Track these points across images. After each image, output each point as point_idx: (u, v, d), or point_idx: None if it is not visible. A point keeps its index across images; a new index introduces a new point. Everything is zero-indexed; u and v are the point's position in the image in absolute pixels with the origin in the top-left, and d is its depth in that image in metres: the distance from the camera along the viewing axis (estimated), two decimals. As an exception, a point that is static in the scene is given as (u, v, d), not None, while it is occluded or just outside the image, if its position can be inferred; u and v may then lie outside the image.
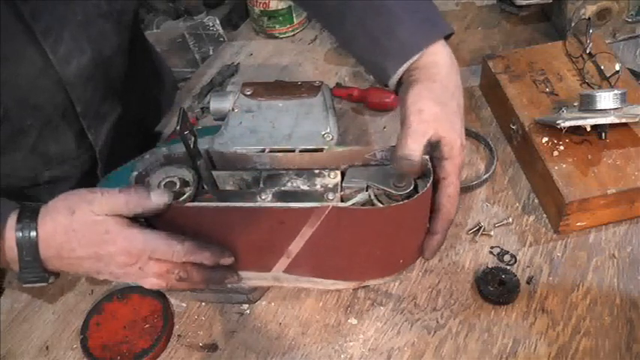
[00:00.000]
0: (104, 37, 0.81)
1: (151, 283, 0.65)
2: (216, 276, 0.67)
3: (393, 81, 0.71)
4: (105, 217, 0.62)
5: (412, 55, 0.69)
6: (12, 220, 0.62)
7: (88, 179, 0.87)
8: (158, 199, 0.61)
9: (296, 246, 0.66)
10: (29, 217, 0.62)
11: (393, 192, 0.63)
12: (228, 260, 0.66)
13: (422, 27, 0.72)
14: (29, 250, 0.62)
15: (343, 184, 0.65)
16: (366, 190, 0.64)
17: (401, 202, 0.63)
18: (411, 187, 0.63)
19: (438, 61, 0.69)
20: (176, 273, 0.64)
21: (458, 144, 0.65)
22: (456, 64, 0.71)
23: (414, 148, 0.63)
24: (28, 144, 0.80)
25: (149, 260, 0.63)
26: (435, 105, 0.65)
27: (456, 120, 0.67)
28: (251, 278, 0.71)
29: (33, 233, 0.61)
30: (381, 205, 0.63)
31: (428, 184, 0.63)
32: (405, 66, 0.69)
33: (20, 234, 0.61)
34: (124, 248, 0.62)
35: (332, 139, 0.69)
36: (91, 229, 0.62)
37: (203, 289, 0.68)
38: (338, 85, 1.05)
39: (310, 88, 0.76)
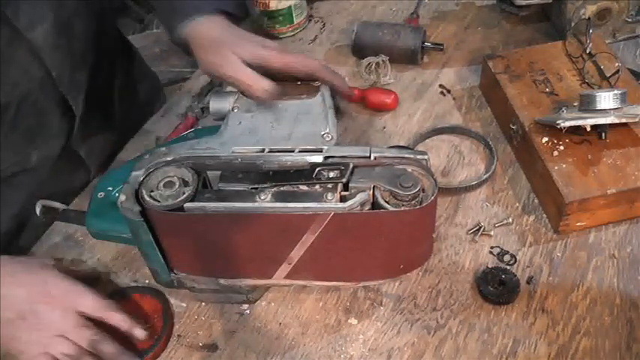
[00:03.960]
0: (61, 2, 0.82)
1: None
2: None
3: (174, 38, 0.81)
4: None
5: (193, 16, 0.78)
6: None
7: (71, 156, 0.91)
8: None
9: (297, 253, 0.67)
10: None
11: (400, 192, 0.63)
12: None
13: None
14: None
15: (350, 184, 0.65)
16: (372, 191, 0.64)
17: (402, 209, 0.63)
18: (418, 188, 0.63)
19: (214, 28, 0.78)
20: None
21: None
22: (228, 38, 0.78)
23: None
24: (7, 121, 0.80)
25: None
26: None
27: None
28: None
29: None
30: (385, 209, 0.63)
31: (433, 195, 0.63)
32: (187, 26, 0.78)
33: None
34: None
35: (331, 139, 0.69)
36: None
37: None
38: None
39: (310, 89, 0.76)
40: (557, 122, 0.81)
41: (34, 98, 0.82)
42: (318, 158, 0.67)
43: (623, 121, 0.80)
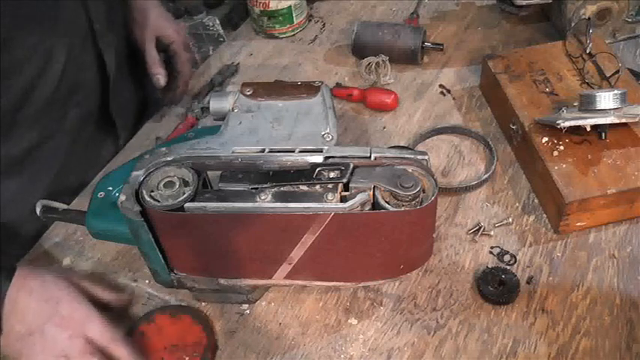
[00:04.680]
0: None
1: None
2: None
3: None
4: None
5: None
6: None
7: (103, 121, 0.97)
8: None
9: (297, 253, 0.67)
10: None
11: (400, 192, 0.63)
12: None
13: None
14: None
15: (350, 185, 0.65)
16: (373, 191, 0.64)
17: (403, 210, 0.63)
18: (418, 188, 0.63)
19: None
20: None
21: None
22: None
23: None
24: (57, 72, 0.84)
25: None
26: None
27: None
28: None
29: None
30: (385, 210, 0.63)
31: (433, 195, 0.63)
32: None
33: None
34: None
35: (332, 139, 0.69)
36: None
37: None
38: (338, 85, 1.05)
39: (310, 89, 0.76)
40: (557, 122, 0.81)
41: (76, 52, 0.86)
42: (318, 158, 0.67)
43: (623, 121, 0.80)
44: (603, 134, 0.83)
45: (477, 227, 0.83)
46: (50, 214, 0.82)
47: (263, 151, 0.68)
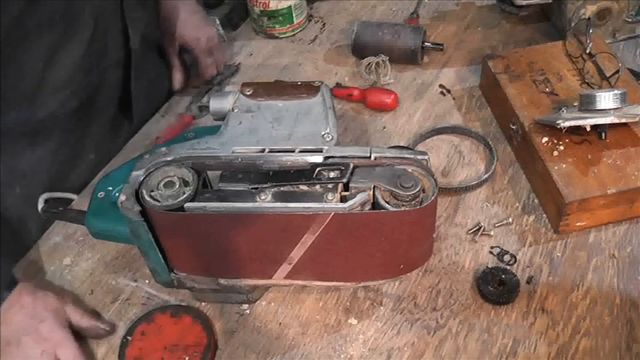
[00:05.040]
0: None
1: None
2: None
3: None
4: None
5: None
6: None
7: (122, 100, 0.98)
8: None
9: (297, 253, 0.67)
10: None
11: (400, 192, 0.63)
12: None
13: None
14: None
15: (350, 185, 0.65)
16: (373, 191, 0.64)
17: (403, 209, 0.63)
18: (418, 188, 0.63)
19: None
20: None
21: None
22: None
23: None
24: (86, 37, 0.86)
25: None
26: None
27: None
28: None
29: None
30: (385, 210, 0.63)
31: (434, 195, 0.63)
32: None
33: None
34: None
35: (332, 139, 0.69)
36: None
37: None
38: (338, 85, 1.05)
39: (310, 89, 0.76)
40: (557, 122, 0.81)
41: (104, 25, 0.88)
42: (318, 158, 0.67)
43: (623, 121, 0.80)
44: (603, 134, 0.83)
45: (477, 227, 0.83)
46: (51, 209, 0.82)
47: (263, 151, 0.68)
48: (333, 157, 0.67)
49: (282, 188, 0.65)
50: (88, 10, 0.84)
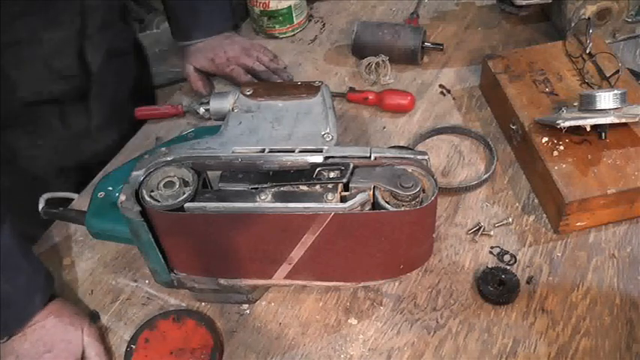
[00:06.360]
0: None
1: None
2: None
3: (182, 43, 1.08)
4: None
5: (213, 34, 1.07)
6: None
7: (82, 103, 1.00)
8: None
9: (297, 253, 0.67)
10: None
11: (400, 192, 0.63)
12: None
13: (222, 16, 1.09)
14: None
15: (350, 185, 0.65)
16: (373, 191, 0.64)
17: (403, 210, 0.63)
18: (418, 188, 0.63)
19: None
20: None
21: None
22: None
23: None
24: (42, 56, 0.90)
25: None
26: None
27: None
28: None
29: None
30: (385, 210, 0.63)
31: (433, 195, 0.63)
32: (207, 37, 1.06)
33: None
34: None
35: (332, 139, 0.69)
36: None
37: None
38: (352, 89, 1.04)
39: (310, 89, 0.76)
40: (557, 122, 0.81)
41: (65, 39, 0.91)
42: (318, 158, 0.67)
43: (623, 121, 0.80)
44: (603, 134, 0.83)
45: (477, 227, 0.83)
46: (51, 209, 0.82)
47: (263, 151, 0.68)
48: (333, 157, 0.67)
49: (282, 188, 0.65)
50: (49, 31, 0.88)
